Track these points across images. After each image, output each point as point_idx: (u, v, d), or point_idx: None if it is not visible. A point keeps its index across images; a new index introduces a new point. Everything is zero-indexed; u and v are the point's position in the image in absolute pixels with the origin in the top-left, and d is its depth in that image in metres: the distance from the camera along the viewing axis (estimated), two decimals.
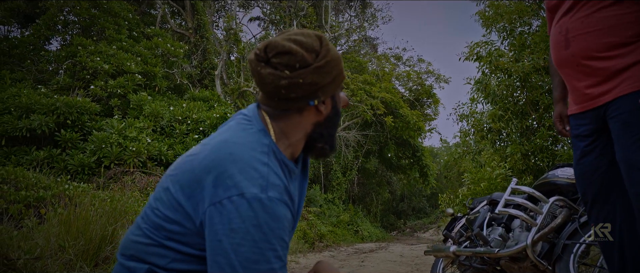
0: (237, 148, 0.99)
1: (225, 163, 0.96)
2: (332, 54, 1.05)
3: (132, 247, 1.04)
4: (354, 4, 18.87)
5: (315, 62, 1.01)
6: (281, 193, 0.96)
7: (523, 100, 6.74)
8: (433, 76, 17.43)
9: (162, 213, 1.01)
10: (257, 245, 0.90)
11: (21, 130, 7.24)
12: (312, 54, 1.02)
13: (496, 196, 2.78)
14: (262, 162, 0.97)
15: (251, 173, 0.94)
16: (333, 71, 1.05)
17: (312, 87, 1.02)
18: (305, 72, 1.00)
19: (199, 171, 0.97)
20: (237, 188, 0.92)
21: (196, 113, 9.50)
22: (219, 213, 0.92)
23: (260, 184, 0.93)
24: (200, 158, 1.00)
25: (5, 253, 2.15)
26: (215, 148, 1.00)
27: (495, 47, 6.79)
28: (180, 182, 1.00)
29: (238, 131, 1.04)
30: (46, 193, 3.69)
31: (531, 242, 2.12)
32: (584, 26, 1.57)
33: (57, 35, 11.73)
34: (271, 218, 0.92)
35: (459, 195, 7.04)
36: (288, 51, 0.99)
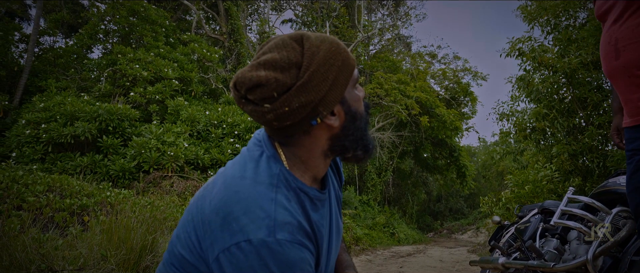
0: (244, 185, 0.88)
1: (231, 203, 0.85)
2: (319, 58, 0.86)
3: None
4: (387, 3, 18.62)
5: (297, 81, 0.84)
6: (293, 232, 0.84)
7: (569, 97, 6.39)
8: (470, 74, 16.95)
9: (180, 254, 0.94)
10: None
11: (66, 137, 7.53)
12: (291, 72, 0.85)
13: (549, 204, 2.60)
14: (269, 198, 0.85)
15: (257, 214, 0.83)
16: (328, 75, 0.86)
17: (305, 109, 0.86)
18: (288, 98, 0.84)
19: (209, 211, 0.88)
20: (243, 233, 0.81)
21: (231, 116, 9.61)
22: (228, 262, 0.82)
23: (268, 225, 0.82)
24: (210, 196, 0.91)
25: (50, 264, 2.18)
26: (224, 185, 0.90)
27: (539, 43, 6.48)
28: (194, 221, 0.92)
29: (248, 162, 0.93)
30: (89, 201, 3.78)
31: (592, 257, 1.95)
32: (635, 35, 1.47)
33: (98, 44, 12.20)
34: (284, 265, 0.81)
35: (502, 198, 6.75)
36: (257, 84, 0.84)
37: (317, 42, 0.87)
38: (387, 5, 18.75)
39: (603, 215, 2.09)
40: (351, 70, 0.92)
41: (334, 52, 0.88)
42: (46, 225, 3.39)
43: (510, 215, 6.33)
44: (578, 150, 6.02)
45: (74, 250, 2.64)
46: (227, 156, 8.37)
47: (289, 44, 0.87)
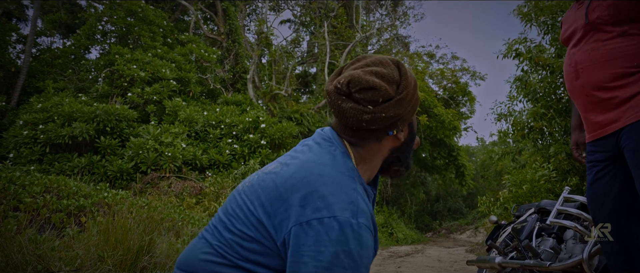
0: (327, 170, 0.97)
1: (316, 183, 0.93)
2: (410, 83, 1.04)
3: (199, 266, 0.98)
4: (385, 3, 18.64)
5: (396, 95, 1.01)
6: (368, 220, 0.94)
7: (567, 97, 6.41)
8: (468, 74, 16.98)
9: (239, 230, 0.96)
10: (346, 272, 0.87)
11: (64, 137, 7.52)
12: (394, 86, 1.01)
13: (545, 204, 2.60)
14: (352, 187, 0.96)
15: (343, 197, 0.92)
16: (412, 99, 1.05)
17: (393, 119, 1.02)
18: (388, 106, 0.99)
19: (284, 189, 0.94)
20: (329, 210, 0.89)
21: (229, 117, 9.61)
22: (305, 233, 0.88)
23: (352, 209, 0.91)
24: (285, 175, 0.97)
25: (47, 265, 2.18)
26: (303, 167, 0.97)
27: (536, 44, 6.49)
28: (261, 199, 0.96)
29: (323, 153, 1.02)
30: (86, 202, 3.78)
31: (588, 256, 1.96)
32: (591, 58, 1.66)
33: (96, 44, 12.18)
34: (360, 246, 0.90)
35: (500, 198, 6.75)
36: (372, 87, 0.98)
37: (409, 71, 1.07)
38: (385, 5, 18.76)
39: None
40: (419, 101, 1.11)
41: (416, 85, 1.08)
42: (43, 226, 3.39)
43: (508, 215, 6.34)
44: None
45: (71, 251, 2.64)
46: (225, 157, 8.37)
47: (392, 65, 1.04)
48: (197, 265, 0.98)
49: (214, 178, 7.39)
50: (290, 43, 17.91)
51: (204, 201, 6.42)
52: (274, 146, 9.27)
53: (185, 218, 4.51)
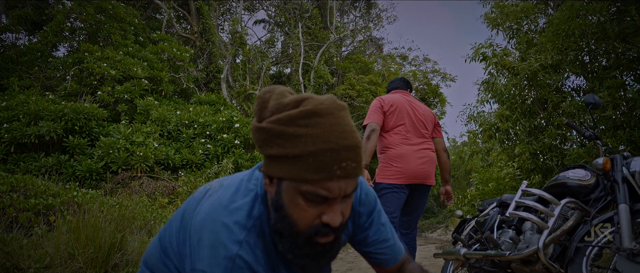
0: (222, 217, 0.91)
1: (205, 232, 0.90)
2: (286, 120, 0.86)
3: (149, 258, 1.10)
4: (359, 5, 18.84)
5: (257, 122, 0.93)
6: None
7: (531, 99, 6.68)
8: (439, 75, 17.36)
9: (171, 243, 1.03)
10: None
11: (30, 137, 7.30)
12: (258, 111, 0.95)
13: (506, 198, 2.75)
14: (236, 240, 0.89)
15: (219, 252, 0.87)
16: (284, 142, 0.87)
17: (265, 155, 0.94)
18: (252, 128, 0.98)
19: (192, 228, 0.94)
20: (203, 265, 0.87)
21: (203, 117, 9.53)
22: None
23: (225, 266, 0.86)
24: (200, 210, 0.96)
25: (16, 262, 2.16)
26: (209, 208, 0.94)
27: (502, 47, 6.75)
28: (184, 223, 1.00)
29: (238, 193, 0.97)
30: (55, 201, 3.71)
31: (543, 245, 2.09)
32: None
33: (64, 41, 11.84)
34: None
35: (467, 196, 6.98)
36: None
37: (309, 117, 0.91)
38: (359, 7, 18.96)
39: (553, 206, 2.24)
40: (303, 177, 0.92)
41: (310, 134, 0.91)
42: (9, 225, 3.32)
43: (474, 211, 6.56)
44: (538, 149, 6.29)
45: (40, 249, 2.61)
46: (198, 157, 8.31)
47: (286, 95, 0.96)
48: (152, 262, 1.09)
49: (187, 178, 7.33)
50: (265, 43, 17.87)
51: (176, 201, 6.37)
52: (247, 146, 9.26)
53: (158, 218, 4.48)
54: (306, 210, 0.86)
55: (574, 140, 6.41)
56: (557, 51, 5.78)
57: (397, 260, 1.19)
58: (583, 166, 2.30)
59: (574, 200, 2.18)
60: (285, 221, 0.88)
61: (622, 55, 5.43)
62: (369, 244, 1.15)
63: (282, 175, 0.85)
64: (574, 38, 5.49)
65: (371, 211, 1.13)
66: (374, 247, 1.16)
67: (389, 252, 1.17)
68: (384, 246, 1.16)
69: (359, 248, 1.17)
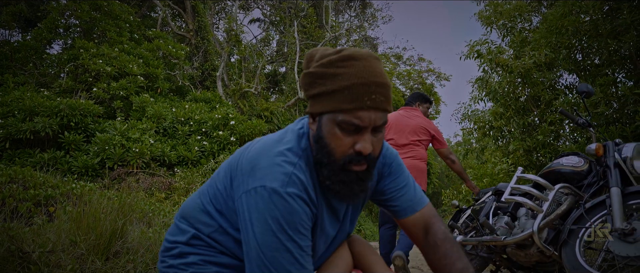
0: (275, 148, 1.06)
1: (262, 157, 1.04)
2: (330, 65, 1.04)
3: (187, 212, 1.20)
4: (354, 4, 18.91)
5: (306, 69, 1.10)
6: (301, 190, 1.02)
7: (524, 97, 6.77)
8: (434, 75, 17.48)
9: (217, 189, 1.15)
10: (275, 235, 0.98)
11: (25, 132, 7.27)
12: (311, 61, 1.10)
13: (501, 186, 2.81)
14: (291, 162, 1.03)
15: (277, 169, 1.01)
16: (326, 82, 1.06)
17: (307, 93, 1.09)
18: (302, 76, 1.09)
19: (245, 161, 1.08)
20: (262, 180, 1.00)
21: (198, 114, 9.54)
22: (246, 201, 1.01)
23: (282, 180, 1.00)
24: (250, 150, 1.11)
25: (20, 246, 2.19)
26: (262, 145, 1.09)
27: (496, 45, 6.83)
28: (233, 166, 1.12)
29: (287, 133, 1.12)
30: (54, 192, 3.72)
31: (537, 229, 2.15)
32: None
33: (58, 38, 11.79)
34: (287, 211, 0.99)
35: (462, 191, 7.06)
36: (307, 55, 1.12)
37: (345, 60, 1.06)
38: (354, 6, 19.04)
39: (548, 191, 2.30)
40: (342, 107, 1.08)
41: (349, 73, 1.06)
42: (10, 215, 3.33)
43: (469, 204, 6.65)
44: (532, 146, 6.38)
45: (42, 236, 2.63)
46: (194, 153, 8.31)
47: (331, 50, 1.09)
48: (188, 212, 1.21)
49: (183, 173, 7.35)
50: (260, 42, 17.89)
51: (173, 196, 6.38)
52: (243, 143, 9.28)
53: (156, 210, 4.50)
54: (341, 139, 1.00)
55: (567, 137, 6.51)
56: (550, 49, 5.87)
57: (415, 210, 1.23)
58: (576, 153, 2.37)
59: (567, 185, 2.25)
60: (325, 150, 1.02)
61: (614, 53, 5.52)
62: (384, 192, 1.23)
63: (322, 110, 1.00)
64: (567, 35, 5.58)
65: (391, 163, 1.24)
66: (390, 194, 1.23)
67: (405, 200, 1.23)
68: (399, 194, 1.23)
69: (378, 198, 1.25)
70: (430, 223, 1.23)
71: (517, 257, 2.35)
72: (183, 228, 1.18)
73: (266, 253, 0.98)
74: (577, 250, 2.01)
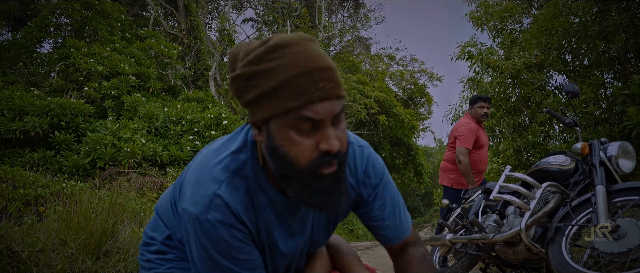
0: (207, 160, 0.97)
1: (190, 173, 0.98)
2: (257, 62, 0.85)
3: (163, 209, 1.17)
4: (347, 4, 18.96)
5: (232, 71, 0.92)
6: (224, 214, 0.90)
7: (515, 97, 6.83)
8: (426, 75, 17.57)
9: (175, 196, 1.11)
10: (211, 260, 0.93)
11: (15, 132, 7.21)
12: (233, 62, 0.91)
13: (490, 185, 2.85)
14: (217, 180, 0.92)
15: (199, 190, 0.91)
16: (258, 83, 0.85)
17: (243, 102, 0.92)
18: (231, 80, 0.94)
19: (188, 172, 1.02)
20: (185, 203, 0.93)
21: (190, 113, 9.51)
22: (181, 219, 0.97)
23: (203, 203, 0.90)
24: (199, 155, 1.04)
25: (9, 245, 2.18)
26: (201, 154, 1.02)
27: (486, 46, 6.89)
28: (185, 172, 1.07)
29: (228, 141, 1.01)
30: (44, 191, 3.70)
31: (525, 226, 2.19)
32: None
33: (49, 37, 11.69)
34: (211, 239, 0.90)
35: None
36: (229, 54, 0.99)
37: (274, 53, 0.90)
38: (347, 6, 19.09)
39: (535, 190, 2.34)
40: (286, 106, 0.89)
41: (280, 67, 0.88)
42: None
43: None
44: (522, 146, 6.44)
45: (32, 235, 2.62)
46: (186, 153, 8.28)
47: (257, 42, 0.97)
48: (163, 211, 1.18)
49: (176, 173, 7.32)
50: None
51: None
52: None
53: (147, 210, 4.49)
54: (301, 142, 0.83)
55: (557, 137, 6.58)
56: (540, 49, 5.93)
57: (400, 239, 1.15)
58: (563, 152, 2.41)
59: (554, 184, 2.29)
60: (284, 161, 0.85)
61: (602, 54, 5.60)
62: (371, 219, 1.13)
63: (266, 115, 0.83)
64: (557, 36, 5.65)
65: (376, 184, 1.10)
66: (376, 222, 1.13)
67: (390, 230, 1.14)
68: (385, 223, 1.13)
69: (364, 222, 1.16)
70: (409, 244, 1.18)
71: (506, 255, 2.38)
72: (160, 225, 1.17)
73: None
74: (564, 247, 2.04)
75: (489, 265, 2.86)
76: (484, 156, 3.89)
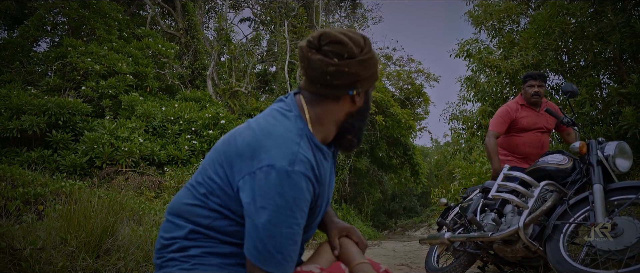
0: (275, 129, 1.11)
1: (263, 140, 1.09)
2: (373, 53, 1.17)
3: (181, 208, 1.20)
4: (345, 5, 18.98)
5: (360, 56, 1.13)
6: (307, 169, 1.07)
7: (512, 96, 6.87)
8: (423, 75, 17.59)
9: (211, 180, 1.15)
10: (279, 210, 1.03)
11: (12, 131, 7.19)
12: (358, 48, 1.13)
13: (488, 184, 2.87)
14: (294, 141, 1.09)
15: (283, 149, 1.06)
16: (372, 67, 1.17)
17: (354, 78, 1.13)
18: (351, 63, 1.11)
19: (242, 147, 1.11)
20: (269, 160, 1.04)
21: (188, 113, 9.50)
22: (251, 180, 1.05)
23: (289, 158, 1.05)
24: (245, 136, 1.14)
25: (10, 243, 2.18)
26: (258, 129, 1.13)
27: (485, 45, 6.92)
28: (227, 154, 1.14)
29: (278, 116, 1.16)
30: (44, 190, 3.70)
31: (523, 224, 2.21)
32: None
33: (46, 36, 11.65)
34: (294, 189, 1.04)
35: (450, 190, 7.15)
36: (340, 41, 1.11)
37: (371, 46, 1.20)
38: (344, 6, 19.10)
39: (533, 188, 2.36)
40: (377, 77, 1.23)
41: (377, 59, 1.20)
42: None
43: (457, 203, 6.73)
44: None
45: (33, 233, 2.63)
46: (184, 153, 8.28)
47: (359, 35, 1.18)
48: (179, 208, 1.20)
49: (174, 172, 7.32)
50: (250, 41, 17.86)
51: (163, 195, 6.36)
52: None
53: (146, 209, 4.49)
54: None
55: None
56: (538, 50, 5.97)
57: None
58: (561, 151, 2.44)
59: (552, 183, 2.31)
60: (367, 113, 1.24)
61: (598, 54, 5.64)
62: None
63: (371, 84, 1.20)
64: (554, 36, 5.68)
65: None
66: None
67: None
68: None
69: None
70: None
71: (504, 253, 2.40)
72: (179, 223, 1.19)
73: (269, 229, 1.02)
74: (561, 245, 2.07)
75: (487, 264, 2.89)
76: (531, 139, 3.38)
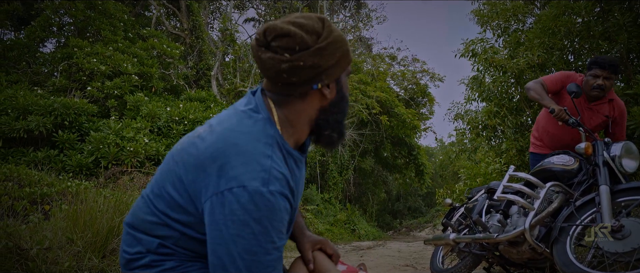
0: (243, 139, 0.98)
1: (230, 154, 0.95)
2: (335, 35, 1.01)
3: (141, 224, 1.07)
4: (349, 4, 18.98)
5: (316, 44, 0.98)
6: (283, 186, 0.96)
7: (517, 97, 6.84)
8: (428, 75, 17.57)
9: (169, 195, 1.03)
10: (256, 238, 0.91)
11: (18, 131, 7.24)
12: (313, 36, 0.98)
13: (494, 184, 2.86)
14: (266, 154, 0.96)
15: (254, 166, 0.94)
16: (337, 52, 1.01)
17: (314, 70, 0.99)
18: (305, 55, 0.96)
19: (204, 158, 0.98)
20: (239, 180, 0.92)
21: (193, 113, 9.53)
22: (220, 203, 0.92)
23: (263, 177, 0.93)
24: (206, 143, 1.00)
25: (17, 242, 2.20)
26: (221, 136, 0.99)
27: (490, 45, 6.89)
28: (186, 165, 1.01)
29: (244, 119, 1.02)
30: (50, 190, 3.73)
31: (529, 226, 2.20)
32: None
33: (52, 37, 11.73)
34: (271, 211, 0.92)
35: (455, 190, 7.13)
36: (286, 33, 0.96)
37: (333, 27, 1.04)
38: (348, 6, 19.10)
39: (539, 189, 2.35)
40: (350, 61, 1.09)
41: (342, 40, 1.04)
42: (4, 213, 3.33)
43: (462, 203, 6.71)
44: (525, 146, 6.45)
45: (39, 233, 2.64)
46: None
47: (314, 18, 1.02)
48: (141, 225, 1.08)
49: None
50: None
51: None
52: None
53: None
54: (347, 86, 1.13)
55: None
56: (543, 49, 5.93)
57: None
58: (567, 152, 2.42)
59: (558, 184, 2.30)
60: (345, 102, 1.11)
61: (605, 54, 5.60)
62: None
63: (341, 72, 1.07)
64: (560, 36, 5.65)
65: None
66: None
67: None
68: None
69: None
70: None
71: (510, 254, 2.39)
72: (142, 238, 1.06)
73: (246, 259, 0.91)
74: (568, 247, 2.05)
75: (493, 265, 2.88)
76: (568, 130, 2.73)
